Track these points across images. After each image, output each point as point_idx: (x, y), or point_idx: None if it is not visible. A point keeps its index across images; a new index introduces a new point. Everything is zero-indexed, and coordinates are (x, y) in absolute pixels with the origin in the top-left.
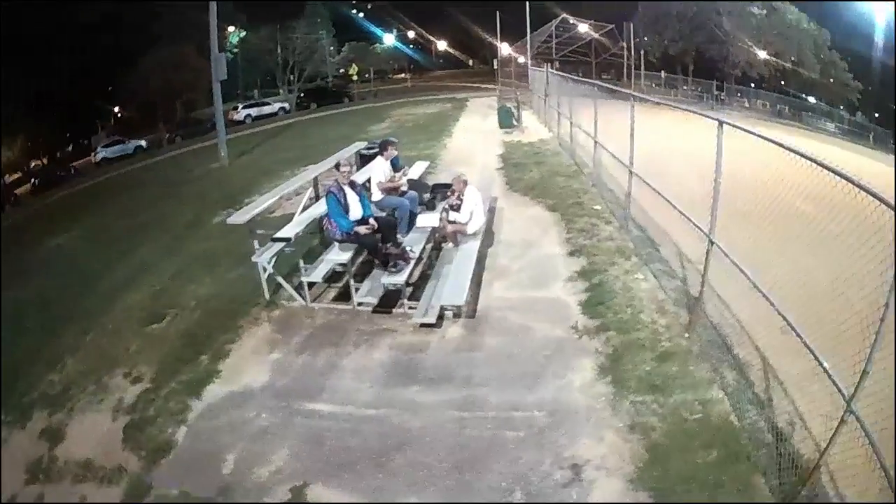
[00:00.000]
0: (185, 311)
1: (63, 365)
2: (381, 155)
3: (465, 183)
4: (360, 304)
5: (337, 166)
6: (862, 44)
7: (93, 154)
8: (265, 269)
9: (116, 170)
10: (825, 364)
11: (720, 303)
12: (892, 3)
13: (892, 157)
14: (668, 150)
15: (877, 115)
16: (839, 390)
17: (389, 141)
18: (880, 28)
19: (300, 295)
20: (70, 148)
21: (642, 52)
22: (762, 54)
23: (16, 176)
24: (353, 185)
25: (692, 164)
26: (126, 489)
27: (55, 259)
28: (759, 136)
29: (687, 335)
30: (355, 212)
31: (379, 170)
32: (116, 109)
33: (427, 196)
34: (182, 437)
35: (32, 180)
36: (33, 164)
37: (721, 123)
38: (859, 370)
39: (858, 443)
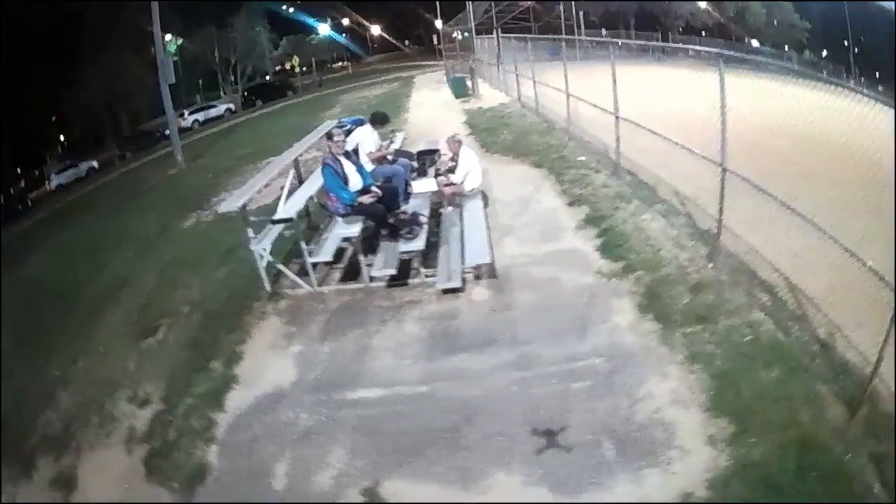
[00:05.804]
0: (180, 318)
1: (56, 400)
2: (370, 125)
3: (460, 143)
4: (372, 279)
5: (329, 136)
6: None
7: (47, 182)
8: (262, 257)
9: (72, 194)
10: (869, 263)
11: (729, 232)
12: None
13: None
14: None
15: (824, 53)
16: (886, 283)
17: (382, 114)
18: None
19: (305, 281)
20: (23, 183)
21: (582, 14)
22: (702, 4)
23: None
24: (348, 155)
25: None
26: None
27: (24, 290)
28: None
29: (711, 265)
30: (355, 182)
31: (369, 139)
32: (63, 138)
33: (415, 163)
34: (215, 456)
35: None
36: None
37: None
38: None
39: None
